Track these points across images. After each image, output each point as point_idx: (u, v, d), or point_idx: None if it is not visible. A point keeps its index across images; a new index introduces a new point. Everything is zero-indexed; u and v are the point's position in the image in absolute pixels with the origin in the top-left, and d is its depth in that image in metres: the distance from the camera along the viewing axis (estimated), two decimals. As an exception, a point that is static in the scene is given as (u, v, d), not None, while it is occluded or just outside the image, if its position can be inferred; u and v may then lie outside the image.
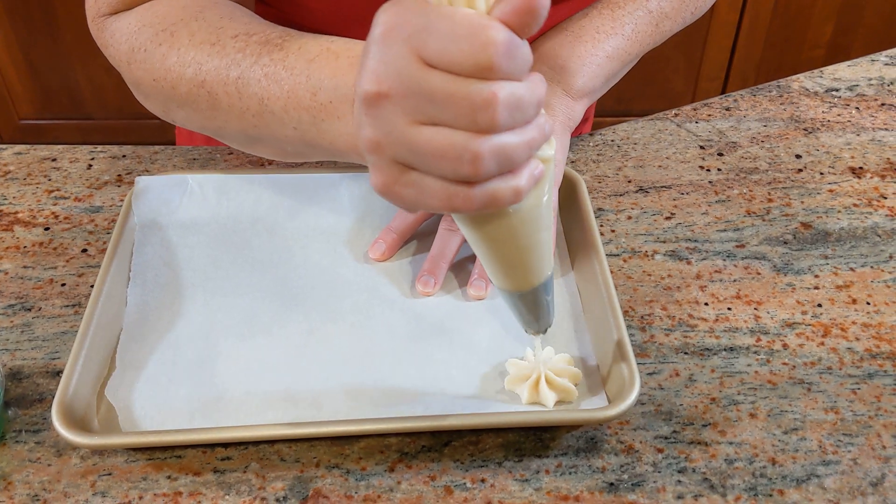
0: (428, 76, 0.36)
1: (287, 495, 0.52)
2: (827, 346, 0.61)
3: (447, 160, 0.38)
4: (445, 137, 0.37)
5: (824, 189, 0.75)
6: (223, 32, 0.54)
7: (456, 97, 0.36)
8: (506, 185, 0.39)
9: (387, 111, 0.38)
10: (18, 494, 0.52)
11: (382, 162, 0.40)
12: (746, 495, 0.52)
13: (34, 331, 0.62)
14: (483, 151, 0.37)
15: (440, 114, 0.37)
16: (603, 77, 0.70)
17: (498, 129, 0.37)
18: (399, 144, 0.39)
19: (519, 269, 0.47)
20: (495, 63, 0.35)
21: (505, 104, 0.36)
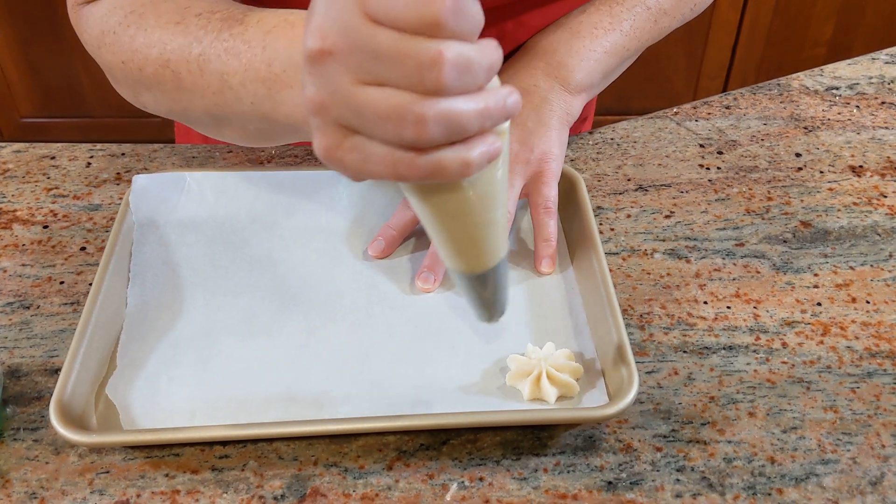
0: (373, 32, 0.35)
1: (285, 493, 0.52)
2: (826, 344, 0.61)
3: (391, 122, 0.36)
4: (390, 98, 0.35)
5: (824, 188, 0.75)
6: (188, 11, 0.54)
7: (401, 55, 0.35)
8: (454, 155, 0.37)
9: (330, 69, 0.36)
10: (16, 492, 0.52)
11: (325, 124, 0.38)
12: (745, 494, 0.52)
13: (33, 329, 0.62)
14: (428, 114, 0.35)
15: (385, 73, 0.35)
16: (601, 72, 0.70)
17: (445, 91, 0.35)
18: (342, 105, 0.37)
19: (470, 249, 0.45)
20: (442, 19, 0.34)
21: (452, 64, 0.35)
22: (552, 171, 0.65)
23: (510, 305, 0.61)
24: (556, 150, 0.66)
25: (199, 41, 0.52)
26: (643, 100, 2.03)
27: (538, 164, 0.65)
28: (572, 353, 0.57)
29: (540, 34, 0.72)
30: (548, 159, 0.65)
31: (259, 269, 0.64)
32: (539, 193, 0.64)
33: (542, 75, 0.69)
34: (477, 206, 0.41)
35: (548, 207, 0.64)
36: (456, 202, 0.41)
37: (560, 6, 0.72)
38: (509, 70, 0.71)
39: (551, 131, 0.66)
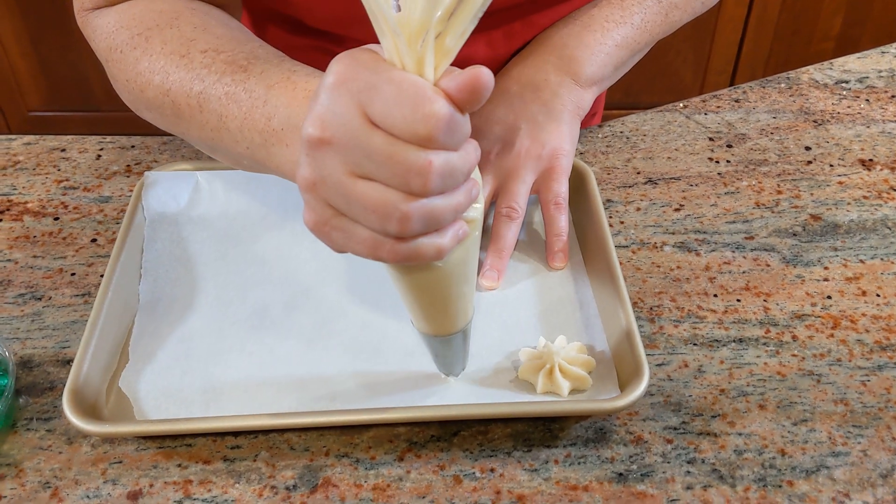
0: (370, 135, 0.38)
1: (297, 483, 0.52)
2: (836, 337, 0.61)
3: (377, 215, 0.39)
4: (378, 194, 0.39)
5: (834, 181, 0.74)
6: (193, 45, 0.56)
7: (393, 160, 0.38)
8: (430, 243, 0.41)
9: (327, 157, 0.40)
10: (30, 482, 0.52)
11: (316, 202, 0.42)
12: (756, 486, 0.52)
13: (44, 320, 0.62)
14: (412, 212, 0.39)
15: (376, 171, 0.39)
16: (612, 66, 0.70)
17: (429, 195, 0.39)
18: (334, 190, 0.40)
19: (438, 317, 0.49)
20: (434, 136, 0.37)
21: (438, 172, 0.38)
22: (562, 167, 0.65)
23: (523, 300, 0.61)
24: (566, 145, 0.66)
25: (201, 79, 0.54)
26: (651, 94, 2.03)
27: (549, 160, 0.65)
28: (584, 345, 0.57)
29: (551, 28, 0.72)
30: (558, 155, 0.65)
31: (270, 263, 0.64)
32: (549, 189, 0.64)
33: (553, 69, 0.69)
34: (447, 282, 0.45)
35: (558, 203, 0.64)
36: (429, 279, 0.45)
37: (569, 5, 0.72)
38: (519, 64, 0.71)
39: (562, 126, 0.66)
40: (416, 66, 0.38)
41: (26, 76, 2.00)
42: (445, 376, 0.56)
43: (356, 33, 0.70)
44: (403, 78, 0.37)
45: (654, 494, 0.51)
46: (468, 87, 0.37)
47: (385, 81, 0.37)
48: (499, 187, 0.65)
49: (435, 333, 0.51)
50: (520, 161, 0.65)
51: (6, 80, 2.00)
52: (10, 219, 0.71)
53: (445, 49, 0.38)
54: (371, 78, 0.38)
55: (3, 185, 0.74)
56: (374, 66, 0.38)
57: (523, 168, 0.64)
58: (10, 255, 0.68)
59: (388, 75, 0.37)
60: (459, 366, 0.55)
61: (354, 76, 0.39)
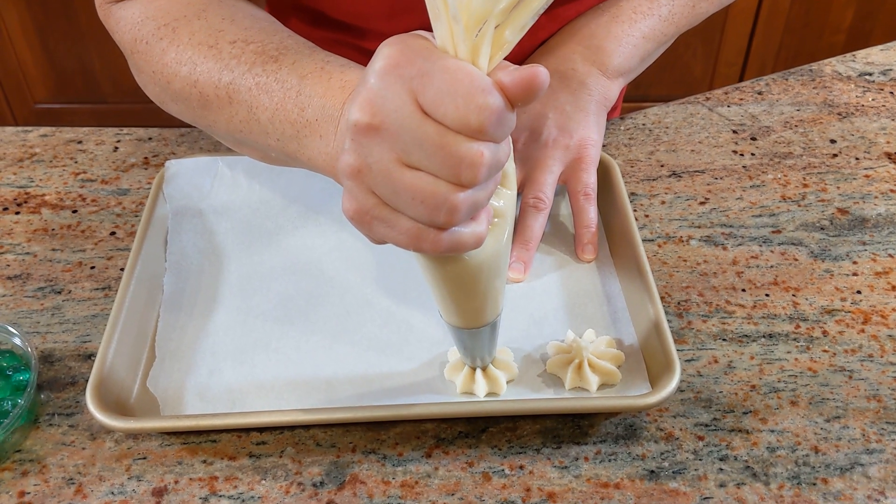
0: (422, 123, 0.37)
1: (324, 480, 0.51)
2: (868, 333, 0.60)
3: (426, 206, 0.39)
4: (427, 184, 0.38)
5: (860, 174, 0.73)
6: (222, 36, 0.55)
7: (445, 150, 0.37)
8: (469, 231, 0.41)
9: (374, 144, 0.39)
10: (53, 478, 0.52)
11: (359, 190, 0.41)
12: (790, 484, 0.51)
13: (65, 314, 0.62)
14: (461, 204, 0.38)
15: (426, 161, 0.38)
16: (638, 57, 0.69)
17: (477, 186, 0.39)
18: (380, 179, 0.39)
19: (469, 310, 0.48)
20: (486, 128, 0.37)
21: (488, 165, 0.38)
22: (591, 157, 0.64)
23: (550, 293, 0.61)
24: (594, 135, 0.65)
25: (230, 70, 0.53)
26: (660, 87, 2.02)
27: (577, 150, 0.64)
28: (612, 339, 0.56)
29: (579, 18, 0.71)
30: (587, 145, 0.64)
31: (294, 254, 0.64)
32: (578, 180, 0.64)
33: (581, 59, 0.68)
34: (480, 275, 0.45)
35: (587, 194, 0.63)
36: (463, 271, 0.44)
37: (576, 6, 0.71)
38: (547, 54, 0.70)
39: (590, 116, 0.65)
40: (471, 55, 0.37)
41: (33, 68, 1.99)
42: (472, 367, 0.55)
43: (379, 26, 0.69)
44: (459, 67, 0.36)
45: (686, 492, 0.51)
46: (524, 84, 0.36)
47: (439, 69, 0.36)
48: (525, 177, 0.64)
49: (464, 326, 0.50)
50: (547, 151, 0.64)
51: (13, 73, 1.99)
52: (28, 211, 0.70)
53: (503, 41, 0.37)
54: (424, 65, 0.37)
55: (21, 177, 0.74)
56: (428, 53, 0.37)
57: (550, 158, 0.64)
58: (28, 248, 0.67)
59: (443, 63, 0.36)
60: (487, 357, 0.54)
61: (407, 61, 0.37)
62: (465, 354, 0.53)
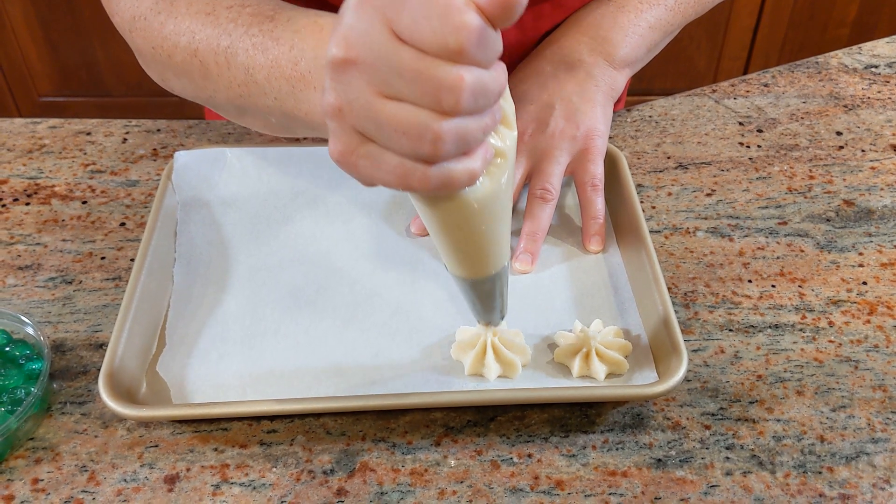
0: (398, 50, 0.36)
1: (334, 468, 0.52)
2: (873, 323, 0.60)
3: (408, 137, 0.37)
4: (409, 114, 0.37)
5: (866, 166, 0.74)
6: (219, 2, 0.55)
7: (423, 76, 0.36)
8: (461, 167, 0.39)
9: (353, 78, 0.38)
10: (66, 465, 0.52)
11: (342, 130, 0.40)
12: (796, 472, 0.51)
13: (76, 304, 0.62)
14: (444, 132, 0.37)
15: (406, 89, 0.37)
16: (645, 47, 0.70)
17: (461, 113, 0.37)
18: (361, 114, 0.38)
19: (473, 257, 0.47)
20: (465, 48, 0.35)
21: (470, 89, 0.36)
22: (598, 148, 0.64)
23: (558, 283, 0.61)
24: (601, 126, 0.65)
25: (228, 34, 0.53)
26: (664, 80, 2.02)
27: (584, 141, 0.64)
28: (620, 329, 0.57)
29: (584, 8, 0.71)
30: (594, 135, 0.64)
31: (303, 244, 0.64)
32: (586, 171, 0.64)
33: (587, 50, 0.68)
34: (481, 218, 0.43)
35: (595, 185, 0.63)
36: (461, 213, 0.43)
37: None
38: (553, 44, 0.70)
39: (597, 107, 0.66)
40: None
41: (37, 62, 2.00)
42: (486, 325, 0.54)
43: None
44: None
45: (693, 480, 0.51)
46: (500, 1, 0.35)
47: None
48: (532, 168, 0.65)
49: (469, 277, 0.49)
50: (554, 142, 0.64)
51: (17, 66, 1.99)
52: (37, 202, 0.71)
53: None
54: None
55: (30, 168, 0.74)
56: None
57: (557, 149, 0.64)
58: (39, 239, 0.67)
59: None
60: (497, 313, 0.53)
61: None
62: (475, 310, 0.53)
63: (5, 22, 1.91)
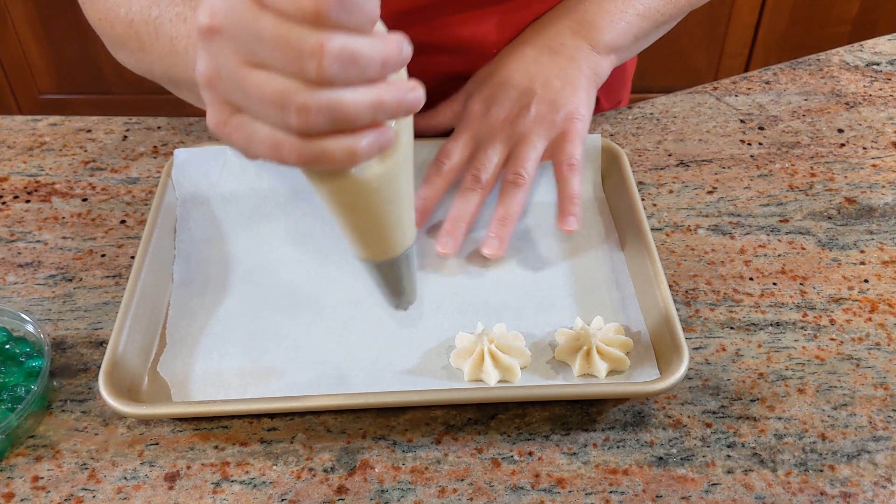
0: (258, 16, 0.34)
1: (335, 466, 0.52)
2: (875, 321, 0.60)
3: (275, 107, 0.36)
4: (275, 84, 0.35)
5: (868, 164, 0.74)
6: None
7: (283, 41, 0.34)
8: (339, 144, 0.37)
9: (220, 47, 0.37)
10: (67, 463, 0.52)
11: (214, 100, 0.39)
12: (797, 471, 0.51)
13: (76, 301, 0.62)
14: (311, 104, 0.35)
15: (269, 57, 0.35)
16: (632, 35, 0.69)
17: (327, 82, 0.35)
18: (229, 84, 0.37)
19: (371, 238, 0.45)
20: (323, 11, 0.33)
21: (334, 55, 0.34)
22: (577, 131, 0.63)
23: (559, 280, 0.61)
24: (583, 110, 0.64)
25: (157, 4, 0.54)
26: (664, 78, 2.01)
27: (563, 124, 0.63)
28: (621, 326, 0.57)
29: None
30: (573, 118, 0.63)
31: (302, 242, 0.64)
32: (563, 151, 0.62)
33: (570, 33, 0.67)
34: (374, 199, 0.41)
35: (571, 164, 0.62)
36: (351, 193, 0.41)
37: None
38: (537, 27, 0.69)
39: (578, 91, 0.65)
40: None
41: (38, 59, 2.00)
42: (395, 309, 0.52)
43: None
44: None
45: (694, 478, 0.51)
46: None
47: None
48: (509, 153, 0.64)
49: (370, 258, 0.47)
50: (533, 126, 0.63)
51: (18, 64, 1.99)
52: (38, 200, 0.71)
53: None
54: None
55: (31, 165, 0.74)
56: None
57: (535, 134, 0.63)
58: (39, 237, 0.67)
59: None
60: (406, 297, 0.51)
61: None
62: (384, 294, 0.51)
63: (6, 19, 1.90)
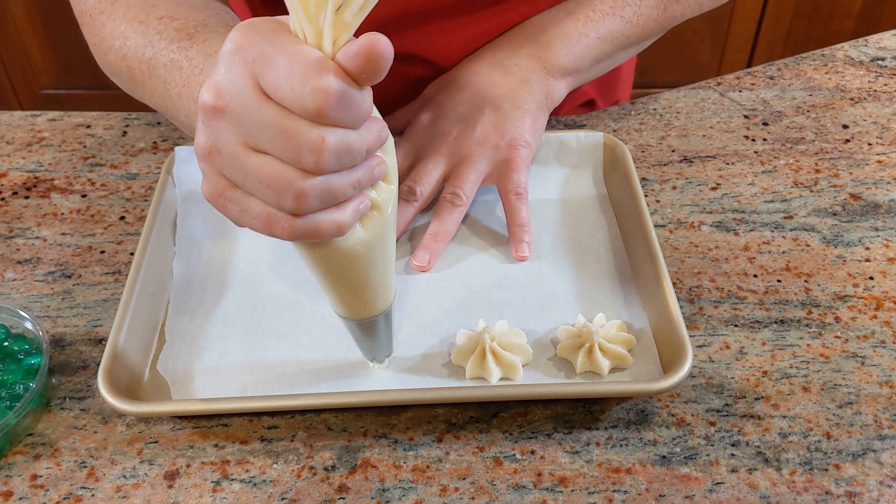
0: (262, 107, 0.37)
1: (335, 464, 0.51)
2: (880, 319, 0.60)
3: (273, 191, 0.38)
4: (273, 169, 0.38)
5: (873, 160, 0.73)
6: (153, 11, 0.56)
7: (285, 134, 0.37)
8: (328, 219, 0.40)
9: (222, 126, 0.39)
10: (66, 461, 0.52)
11: (211, 172, 0.41)
12: (802, 469, 0.51)
13: (75, 298, 0.62)
14: (308, 190, 0.38)
15: (270, 144, 0.37)
16: (591, 58, 0.67)
17: (323, 173, 0.38)
18: (228, 161, 0.39)
19: (351, 300, 0.47)
20: (324, 111, 0.36)
21: (332, 150, 0.37)
22: (521, 158, 0.63)
23: (560, 277, 0.60)
24: (527, 135, 0.63)
25: (152, 45, 0.55)
26: (667, 73, 2.00)
27: (507, 150, 0.63)
28: (623, 323, 0.56)
29: (539, 14, 0.69)
30: (517, 145, 0.63)
31: (303, 239, 0.63)
32: (509, 180, 0.62)
33: (527, 54, 0.66)
34: (357, 266, 0.44)
35: (518, 193, 0.62)
36: (336, 260, 0.43)
37: None
38: (494, 46, 0.68)
39: (526, 116, 0.64)
40: (316, 39, 0.36)
41: (37, 54, 1.99)
42: (371, 361, 0.54)
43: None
44: (297, 50, 0.36)
45: (698, 477, 0.51)
46: (362, 56, 0.35)
47: (279, 53, 0.36)
48: (450, 171, 0.63)
49: (350, 317, 0.49)
50: (477, 148, 0.63)
51: (18, 58, 1.99)
52: (37, 196, 0.70)
53: (344, 23, 0.36)
54: (266, 48, 0.36)
55: (29, 161, 0.74)
56: (272, 37, 0.37)
57: (478, 155, 0.63)
58: (38, 233, 0.67)
59: (283, 46, 0.36)
60: (383, 352, 0.53)
61: (250, 44, 0.37)
62: (360, 347, 0.53)
63: (6, 14, 1.90)
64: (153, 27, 0.56)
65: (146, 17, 0.56)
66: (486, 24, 0.69)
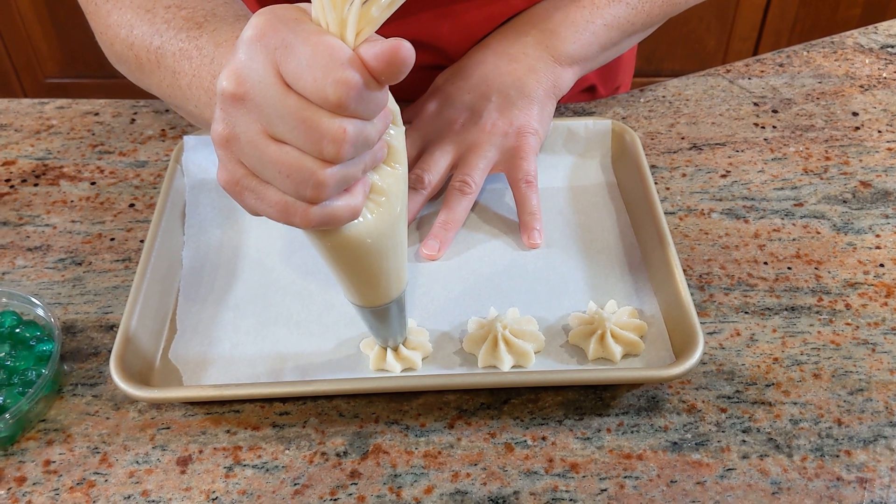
0: (284, 96, 0.37)
1: (347, 450, 0.52)
2: (890, 306, 0.59)
3: (292, 180, 0.38)
4: (293, 159, 0.38)
5: (883, 147, 0.73)
6: (160, 0, 0.56)
7: (306, 124, 0.37)
8: (342, 203, 0.40)
9: (241, 114, 0.38)
10: (79, 447, 0.52)
11: (228, 160, 0.40)
12: (813, 456, 0.51)
13: (86, 285, 0.62)
14: (327, 179, 0.38)
15: (290, 134, 0.37)
16: (598, 46, 0.67)
17: (342, 162, 0.38)
18: (247, 149, 0.39)
19: (365, 288, 0.47)
20: (344, 103, 0.36)
21: (352, 141, 0.37)
22: (530, 146, 0.63)
23: (571, 264, 0.60)
24: (535, 123, 0.63)
25: (160, 34, 0.54)
26: (673, 61, 2.00)
27: (516, 138, 0.63)
28: (635, 310, 0.56)
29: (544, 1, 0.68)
30: (525, 133, 0.63)
31: (313, 226, 0.63)
32: (518, 168, 0.62)
33: (533, 43, 0.66)
34: (370, 254, 0.44)
35: (528, 181, 0.62)
36: (349, 249, 0.43)
37: None
38: (500, 34, 0.68)
39: (533, 103, 0.64)
40: (339, 29, 0.36)
41: (43, 43, 1.99)
42: (383, 346, 0.54)
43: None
44: (321, 40, 0.36)
45: (709, 464, 0.51)
46: (385, 58, 0.35)
47: (301, 42, 0.36)
48: (459, 159, 0.63)
49: (364, 304, 0.49)
50: (484, 136, 0.63)
51: (23, 47, 1.98)
52: (46, 183, 0.70)
53: (370, 17, 0.36)
54: (288, 36, 0.36)
55: (38, 149, 0.74)
56: (294, 25, 0.37)
57: (487, 143, 0.62)
58: (48, 220, 0.67)
59: (306, 35, 0.36)
60: (396, 336, 0.53)
61: (273, 31, 0.37)
62: (373, 334, 0.53)
63: (11, 3, 1.90)
64: (160, 16, 0.55)
65: (153, 6, 0.56)
66: (491, 9, 0.69)
